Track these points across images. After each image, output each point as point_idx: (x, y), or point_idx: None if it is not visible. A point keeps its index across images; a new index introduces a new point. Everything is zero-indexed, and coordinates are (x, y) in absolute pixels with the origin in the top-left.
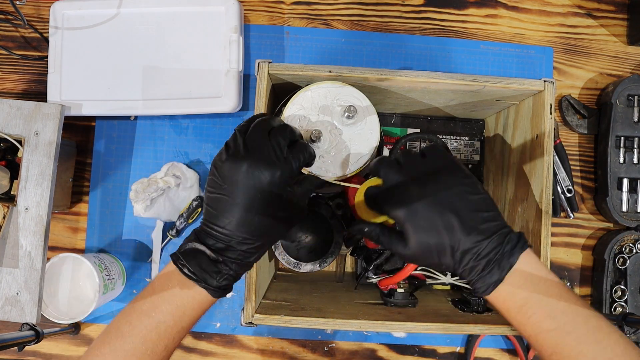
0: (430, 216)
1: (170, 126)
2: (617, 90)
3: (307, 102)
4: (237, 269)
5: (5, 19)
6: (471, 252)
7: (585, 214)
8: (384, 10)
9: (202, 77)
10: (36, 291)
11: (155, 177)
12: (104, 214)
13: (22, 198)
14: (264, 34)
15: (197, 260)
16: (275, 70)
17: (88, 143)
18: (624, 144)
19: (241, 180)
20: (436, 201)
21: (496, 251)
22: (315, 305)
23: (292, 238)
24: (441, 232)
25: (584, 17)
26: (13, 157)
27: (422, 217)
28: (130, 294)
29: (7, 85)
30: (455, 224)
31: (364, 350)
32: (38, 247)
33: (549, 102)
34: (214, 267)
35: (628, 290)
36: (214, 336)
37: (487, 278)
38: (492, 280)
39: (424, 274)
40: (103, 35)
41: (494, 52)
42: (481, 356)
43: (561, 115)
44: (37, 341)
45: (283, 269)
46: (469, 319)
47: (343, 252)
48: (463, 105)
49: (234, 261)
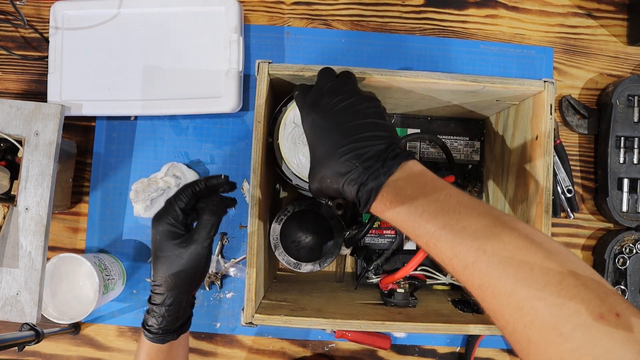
0: (322, 125)
1: (170, 126)
2: (617, 90)
3: (298, 119)
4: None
5: (5, 19)
6: (351, 158)
7: (585, 214)
8: (384, 10)
9: (202, 77)
10: (36, 291)
11: (155, 177)
12: (104, 214)
13: (22, 198)
14: (264, 34)
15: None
16: (275, 70)
17: (88, 143)
18: (624, 144)
19: None
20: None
21: (375, 159)
22: (315, 305)
23: (292, 236)
24: (325, 138)
25: (584, 18)
26: (13, 157)
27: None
28: (130, 294)
29: (7, 85)
30: (337, 133)
31: (364, 350)
32: (38, 247)
33: (549, 102)
34: (146, 316)
35: (628, 290)
36: (214, 336)
37: (364, 188)
38: (368, 192)
39: (424, 274)
40: (103, 35)
41: (494, 52)
42: (481, 356)
43: (561, 116)
44: (37, 341)
45: (283, 269)
46: (469, 319)
47: (343, 252)
48: (463, 106)
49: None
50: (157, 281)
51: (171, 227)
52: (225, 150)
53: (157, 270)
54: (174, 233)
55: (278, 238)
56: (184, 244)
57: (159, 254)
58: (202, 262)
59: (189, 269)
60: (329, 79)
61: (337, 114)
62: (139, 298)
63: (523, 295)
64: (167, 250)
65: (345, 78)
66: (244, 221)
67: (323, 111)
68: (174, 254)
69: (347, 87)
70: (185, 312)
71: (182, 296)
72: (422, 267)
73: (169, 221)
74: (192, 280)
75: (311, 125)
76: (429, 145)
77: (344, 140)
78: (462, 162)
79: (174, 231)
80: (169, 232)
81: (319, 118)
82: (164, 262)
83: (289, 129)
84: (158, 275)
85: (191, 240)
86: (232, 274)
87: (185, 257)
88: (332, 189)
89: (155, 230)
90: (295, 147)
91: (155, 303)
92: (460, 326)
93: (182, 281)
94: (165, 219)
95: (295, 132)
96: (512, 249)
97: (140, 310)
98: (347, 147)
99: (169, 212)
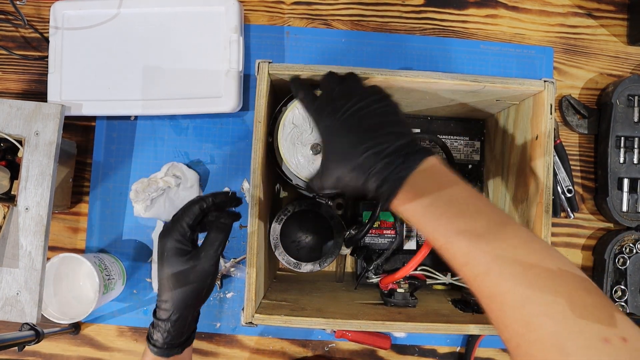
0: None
1: (170, 126)
2: (617, 90)
3: (297, 120)
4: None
5: (6, 19)
6: (372, 155)
7: (585, 214)
8: (384, 10)
9: (202, 77)
10: (36, 291)
11: (155, 177)
12: (104, 214)
13: (22, 198)
14: (264, 34)
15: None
16: (275, 70)
17: (88, 143)
18: (624, 144)
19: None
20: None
21: (396, 155)
22: (315, 305)
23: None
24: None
25: (584, 17)
26: (13, 157)
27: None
28: (130, 294)
29: (7, 85)
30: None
31: (364, 350)
32: (38, 247)
33: (549, 102)
34: (151, 330)
35: (628, 290)
36: (214, 336)
37: (385, 185)
38: (390, 188)
39: (424, 274)
40: (103, 35)
41: (494, 52)
42: (481, 356)
43: (561, 115)
44: (37, 341)
45: (283, 269)
46: (469, 319)
47: (343, 252)
48: (463, 105)
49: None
50: (163, 297)
51: (178, 243)
52: (225, 150)
53: (164, 286)
54: (181, 250)
55: (278, 238)
56: (191, 261)
57: (166, 270)
58: (209, 279)
59: (196, 286)
60: (336, 82)
61: (353, 117)
62: (139, 298)
63: (532, 311)
64: (174, 267)
65: (354, 80)
66: (244, 221)
67: (337, 115)
68: (181, 272)
69: (358, 89)
70: (190, 326)
71: (187, 312)
72: (422, 267)
73: (177, 238)
74: (198, 296)
75: (325, 129)
76: (429, 145)
77: (363, 140)
78: (462, 162)
79: (181, 248)
80: (177, 249)
81: (334, 122)
82: (170, 279)
83: (288, 130)
84: (164, 291)
85: (198, 257)
86: (232, 274)
87: (192, 274)
88: (350, 187)
89: (162, 246)
90: (294, 148)
91: (160, 318)
92: (460, 326)
93: (188, 298)
94: (173, 236)
95: (294, 133)
96: (525, 264)
97: (140, 310)
98: (367, 144)
99: (177, 229)
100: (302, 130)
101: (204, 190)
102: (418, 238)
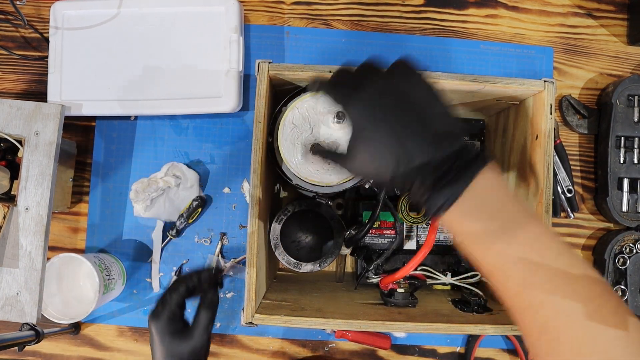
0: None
1: (170, 126)
2: (617, 90)
3: (297, 120)
4: None
5: (5, 19)
6: (421, 166)
7: (585, 214)
8: (384, 10)
9: (202, 77)
10: (36, 291)
11: (155, 177)
12: (104, 214)
13: (22, 198)
14: (264, 34)
15: None
16: (275, 70)
17: (88, 143)
18: (624, 144)
19: None
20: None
21: (449, 165)
22: (315, 305)
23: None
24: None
25: (584, 17)
26: (13, 157)
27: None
28: (130, 294)
29: (7, 85)
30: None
31: (364, 350)
32: (38, 247)
33: (549, 102)
34: None
35: (628, 290)
36: (214, 336)
37: (436, 198)
38: (442, 202)
39: (424, 274)
40: (103, 35)
41: (494, 52)
42: (481, 356)
43: (561, 115)
44: (37, 341)
45: (283, 269)
46: (469, 319)
47: (343, 252)
48: (463, 106)
49: None
50: None
51: (171, 325)
52: (225, 150)
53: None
54: (174, 330)
55: (278, 238)
56: (185, 342)
57: (161, 352)
58: (203, 353)
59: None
60: (378, 74)
61: (392, 108)
62: (139, 298)
63: (547, 314)
64: (168, 348)
65: (406, 73)
66: (244, 221)
67: (385, 111)
68: (175, 352)
69: (411, 82)
70: None
71: None
72: (422, 267)
73: (168, 320)
74: None
75: (359, 117)
76: None
77: (403, 142)
78: None
79: (174, 329)
80: (169, 331)
81: (383, 117)
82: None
83: (288, 130)
84: None
85: (191, 336)
86: (232, 274)
87: (186, 353)
88: (389, 189)
89: (154, 328)
90: (294, 148)
91: None
92: (460, 326)
93: None
94: (163, 318)
95: (294, 133)
96: (580, 299)
97: (140, 310)
98: (411, 151)
99: (167, 312)
100: (302, 130)
101: (204, 191)
102: (418, 238)
